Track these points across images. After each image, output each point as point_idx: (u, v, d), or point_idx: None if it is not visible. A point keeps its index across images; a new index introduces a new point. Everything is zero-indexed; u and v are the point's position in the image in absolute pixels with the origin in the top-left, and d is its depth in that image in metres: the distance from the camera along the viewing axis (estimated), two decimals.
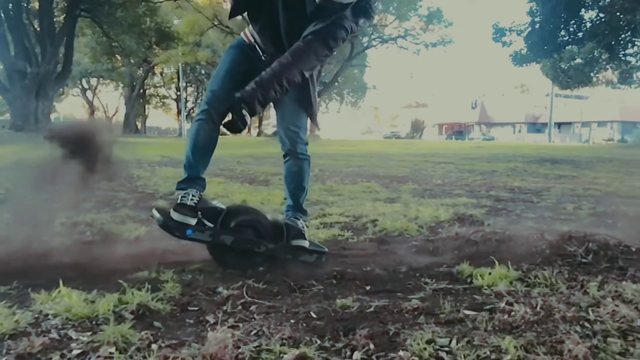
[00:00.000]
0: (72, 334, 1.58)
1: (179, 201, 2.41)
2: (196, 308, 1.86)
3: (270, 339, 1.56)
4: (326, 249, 2.69)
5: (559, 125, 60.70)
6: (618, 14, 22.40)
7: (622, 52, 26.55)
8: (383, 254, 2.79)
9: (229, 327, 1.64)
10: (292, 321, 1.72)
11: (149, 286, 1.95)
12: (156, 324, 1.71)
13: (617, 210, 4.37)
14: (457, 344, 1.54)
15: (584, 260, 2.39)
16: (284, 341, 1.54)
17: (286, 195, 2.74)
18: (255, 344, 1.52)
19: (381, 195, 5.50)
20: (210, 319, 1.75)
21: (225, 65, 2.60)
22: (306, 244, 2.63)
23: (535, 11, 21.23)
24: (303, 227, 2.66)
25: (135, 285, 1.98)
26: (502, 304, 1.86)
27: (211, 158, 2.54)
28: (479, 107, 70.06)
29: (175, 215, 2.37)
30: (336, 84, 47.29)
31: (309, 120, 2.69)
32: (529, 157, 13.75)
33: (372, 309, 1.84)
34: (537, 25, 23.05)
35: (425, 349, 1.50)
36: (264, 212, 2.69)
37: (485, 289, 2.08)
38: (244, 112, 2.20)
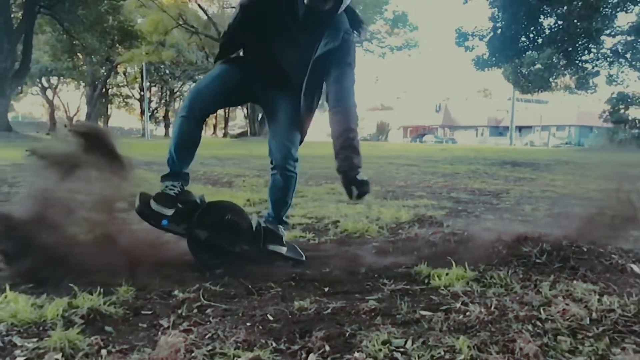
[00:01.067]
0: (17, 340, 1.52)
1: (161, 192, 2.46)
2: (150, 312, 1.83)
3: (225, 342, 1.53)
4: (304, 258, 2.68)
5: (520, 128, 62.25)
6: (575, 21, 23.14)
7: (579, 59, 27.43)
8: (343, 255, 2.79)
9: (182, 330, 1.61)
10: (248, 324, 1.70)
11: (101, 290, 1.90)
12: (107, 328, 1.66)
13: (571, 211, 4.50)
14: (412, 345, 1.55)
15: (538, 260, 2.43)
16: (239, 344, 1.52)
17: (269, 206, 2.78)
18: (209, 347, 1.50)
19: (344, 196, 5.48)
20: (164, 322, 1.72)
21: (218, 69, 2.62)
22: (283, 250, 2.65)
23: (497, 17, 21.78)
24: (283, 234, 2.69)
25: (87, 289, 1.92)
26: (458, 304, 1.89)
27: (195, 154, 2.57)
28: (443, 110, 71.29)
29: (153, 205, 2.42)
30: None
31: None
32: (490, 160, 14.03)
33: (329, 310, 1.84)
34: (499, 31, 23.63)
35: (380, 350, 1.50)
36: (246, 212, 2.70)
37: (442, 290, 2.10)
38: (358, 177, 2.30)
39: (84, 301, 1.80)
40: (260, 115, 42.08)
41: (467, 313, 1.79)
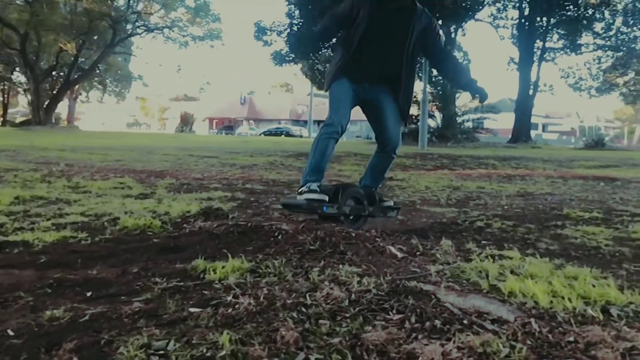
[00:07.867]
0: None
1: (310, 189, 3.12)
2: None
3: None
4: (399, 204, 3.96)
5: (319, 122, 66.11)
6: None
7: None
8: (117, 254, 2.58)
9: None
10: None
11: None
12: None
13: None
14: (174, 345, 1.48)
15: (312, 247, 2.54)
16: None
17: (367, 177, 3.61)
18: None
19: (134, 191, 5.19)
20: None
21: (343, 86, 3.35)
22: (392, 203, 3.61)
23: (293, 14, 22.55)
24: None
25: None
26: (229, 298, 1.86)
27: None
28: (248, 103, 72.48)
29: (313, 196, 3.08)
30: (97, 71, 43.64)
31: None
32: (288, 152, 14.57)
33: (86, 317, 1.66)
34: (295, 28, 24.58)
35: (136, 355, 1.40)
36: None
37: (216, 284, 2.05)
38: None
39: None
40: (46, 103, 37.71)
41: (237, 306, 1.77)
